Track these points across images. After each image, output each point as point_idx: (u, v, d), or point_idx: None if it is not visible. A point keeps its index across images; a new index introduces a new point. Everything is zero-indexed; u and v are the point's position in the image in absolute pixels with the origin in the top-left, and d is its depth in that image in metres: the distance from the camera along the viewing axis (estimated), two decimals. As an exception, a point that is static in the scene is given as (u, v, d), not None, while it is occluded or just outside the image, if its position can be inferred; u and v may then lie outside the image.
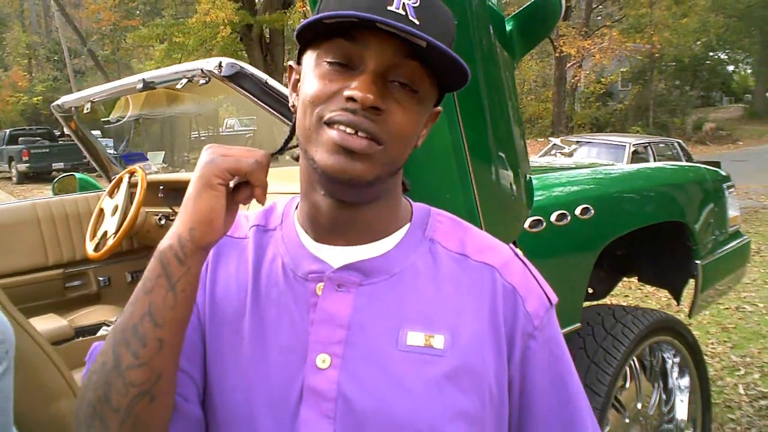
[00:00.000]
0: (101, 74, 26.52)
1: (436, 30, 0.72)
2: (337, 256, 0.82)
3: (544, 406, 0.82)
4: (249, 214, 0.93)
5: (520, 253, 0.87)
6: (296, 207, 0.90)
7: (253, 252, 0.87)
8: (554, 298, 0.85)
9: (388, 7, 0.70)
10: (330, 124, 0.73)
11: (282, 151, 0.94)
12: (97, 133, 3.78)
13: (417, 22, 0.71)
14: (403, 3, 0.71)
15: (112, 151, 3.85)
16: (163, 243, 0.72)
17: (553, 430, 0.82)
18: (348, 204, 0.80)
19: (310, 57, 0.78)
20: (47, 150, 19.90)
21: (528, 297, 0.82)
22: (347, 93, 0.72)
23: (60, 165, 19.31)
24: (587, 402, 0.86)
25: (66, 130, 3.36)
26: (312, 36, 0.77)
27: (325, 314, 0.79)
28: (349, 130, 0.72)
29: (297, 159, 0.86)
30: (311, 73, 0.76)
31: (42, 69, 35.44)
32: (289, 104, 0.85)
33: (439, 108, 0.85)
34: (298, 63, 0.83)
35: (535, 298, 0.82)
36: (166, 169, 3.94)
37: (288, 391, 0.77)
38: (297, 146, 0.88)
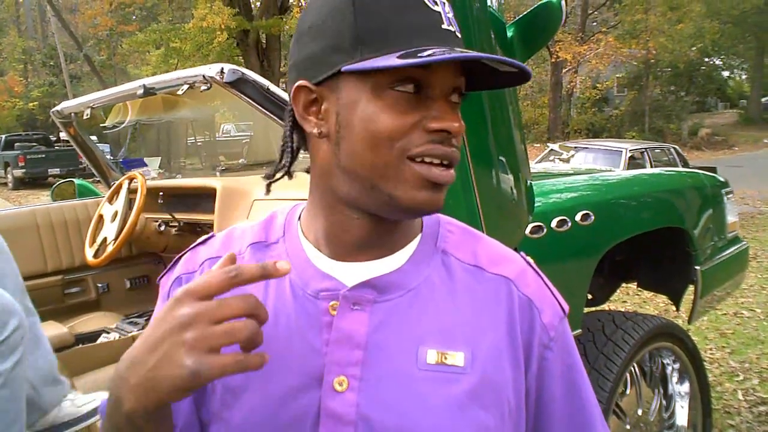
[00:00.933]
0: (97, 79, 26.48)
1: (463, 34, 0.74)
2: (349, 272, 0.78)
3: (559, 414, 0.82)
4: (245, 228, 0.88)
5: (531, 261, 0.87)
6: (299, 217, 0.85)
7: None
8: (567, 307, 0.85)
9: (443, 26, 0.70)
10: (415, 158, 0.71)
11: (276, 177, 0.86)
12: (93, 138, 3.78)
13: (459, 35, 0.72)
14: (448, 17, 0.71)
15: (109, 157, 3.85)
16: (128, 404, 0.63)
17: None
18: (386, 219, 0.77)
19: (359, 84, 0.71)
20: (43, 156, 19.86)
21: (544, 308, 0.81)
22: (437, 125, 0.70)
23: (56, 171, 19.29)
24: (599, 408, 0.86)
25: (65, 136, 3.36)
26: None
27: (341, 334, 0.75)
28: (441, 161, 0.71)
29: (308, 171, 0.84)
30: (373, 104, 0.70)
31: (38, 74, 35.42)
32: (314, 130, 0.76)
33: None
34: (317, 84, 0.74)
35: (550, 309, 0.82)
36: (162, 175, 3.93)
37: (303, 415, 0.74)
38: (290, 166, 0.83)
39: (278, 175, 0.86)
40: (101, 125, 3.58)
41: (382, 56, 0.68)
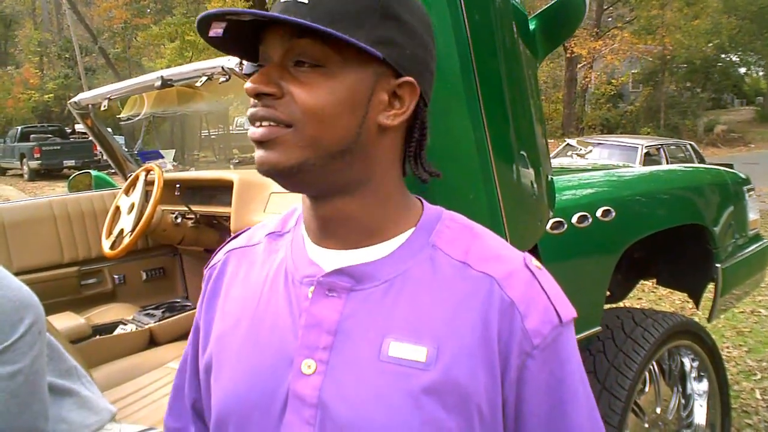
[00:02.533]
0: (112, 72, 26.63)
1: (329, 5, 0.71)
2: (332, 259, 0.80)
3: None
4: (270, 221, 0.94)
5: (534, 263, 0.81)
6: None
7: (263, 257, 0.88)
8: (567, 315, 0.78)
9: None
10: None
11: None
12: (109, 130, 3.80)
13: (306, 1, 0.71)
14: None
15: (125, 149, 3.86)
16: None
17: None
18: (313, 198, 0.80)
19: None
20: (59, 147, 20.01)
21: (529, 313, 0.75)
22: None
23: (71, 162, 19.44)
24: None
25: (82, 127, 3.37)
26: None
27: (313, 319, 0.77)
28: (257, 123, 0.74)
29: None
30: None
31: (53, 66, 35.59)
32: None
33: (406, 78, 0.76)
34: None
35: (539, 314, 0.75)
36: (176, 167, 3.94)
37: (275, 395, 0.76)
38: None
39: None
40: (117, 117, 3.58)
41: None
